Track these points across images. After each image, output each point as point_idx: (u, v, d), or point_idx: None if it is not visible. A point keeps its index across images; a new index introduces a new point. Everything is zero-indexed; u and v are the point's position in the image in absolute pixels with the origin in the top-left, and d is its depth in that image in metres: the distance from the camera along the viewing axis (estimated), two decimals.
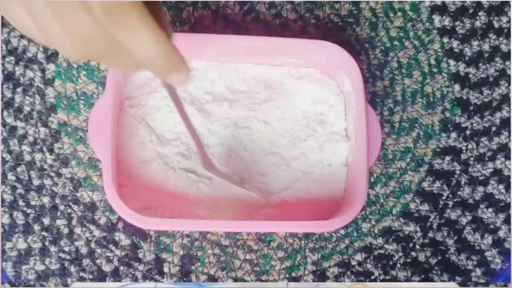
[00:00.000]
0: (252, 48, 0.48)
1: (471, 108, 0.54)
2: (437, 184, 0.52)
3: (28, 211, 0.49)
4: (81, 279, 0.48)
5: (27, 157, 0.50)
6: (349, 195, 0.47)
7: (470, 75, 0.54)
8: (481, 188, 0.52)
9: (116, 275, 0.49)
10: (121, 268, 0.49)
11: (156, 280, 0.49)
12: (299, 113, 0.50)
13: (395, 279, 0.50)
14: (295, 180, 0.48)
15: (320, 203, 0.48)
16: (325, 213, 0.47)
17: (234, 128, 0.49)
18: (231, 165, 0.48)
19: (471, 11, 0.55)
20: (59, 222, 0.49)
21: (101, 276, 0.48)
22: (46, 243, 0.49)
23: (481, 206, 0.52)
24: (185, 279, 0.49)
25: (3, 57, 0.51)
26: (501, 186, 0.52)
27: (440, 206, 0.52)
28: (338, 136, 0.49)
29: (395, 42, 0.54)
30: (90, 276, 0.48)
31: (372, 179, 0.52)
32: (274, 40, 0.47)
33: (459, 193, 0.52)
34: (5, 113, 0.50)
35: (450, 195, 0.52)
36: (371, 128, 0.45)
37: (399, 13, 0.55)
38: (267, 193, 0.48)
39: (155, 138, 0.47)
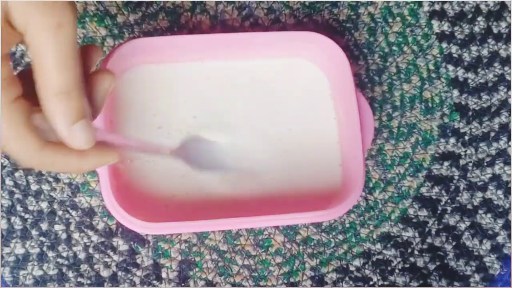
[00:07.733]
0: (239, 44, 0.47)
1: (470, 113, 0.53)
2: (436, 189, 0.52)
3: (26, 216, 0.49)
4: (79, 284, 0.48)
5: None
6: (347, 183, 0.47)
7: (469, 81, 0.54)
8: (479, 194, 0.52)
9: (114, 281, 0.48)
10: (119, 273, 0.49)
11: (154, 286, 0.49)
12: (290, 103, 0.50)
13: (393, 284, 0.50)
14: (289, 172, 0.48)
15: (318, 194, 0.47)
16: (324, 204, 0.47)
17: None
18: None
19: (470, 16, 0.55)
20: (57, 227, 0.49)
21: (99, 282, 0.48)
22: (44, 249, 0.49)
23: (480, 211, 0.52)
24: (183, 284, 0.49)
25: None
26: (500, 192, 0.52)
27: (438, 211, 0.52)
28: (330, 123, 0.49)
29: (394, 47, 0.54)
30: (88, 282, 0.48)
31: (371, 184, 0.52)
32: (260, 35, 0.47)
33: (457, 198, 0.52)
34: None
35: (449, 201, 0.52)
36: (362, 112, 0.46)
37: (398, 18, 0.55)
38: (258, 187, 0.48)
39: None
